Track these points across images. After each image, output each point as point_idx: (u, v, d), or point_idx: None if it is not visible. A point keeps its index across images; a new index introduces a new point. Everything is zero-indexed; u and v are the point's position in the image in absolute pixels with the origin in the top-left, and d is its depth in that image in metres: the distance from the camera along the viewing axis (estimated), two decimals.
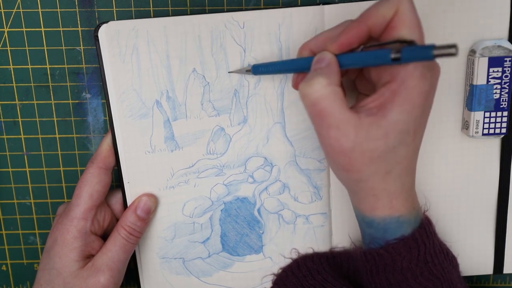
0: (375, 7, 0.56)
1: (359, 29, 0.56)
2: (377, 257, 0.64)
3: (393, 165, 0.58)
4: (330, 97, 0.55)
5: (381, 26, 0.56)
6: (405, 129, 0.56)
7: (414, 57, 0.52)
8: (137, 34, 0.67)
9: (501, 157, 0.73)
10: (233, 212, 0.74)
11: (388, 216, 0.62)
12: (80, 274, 0.68)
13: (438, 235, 0.67)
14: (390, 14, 0.55)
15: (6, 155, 0.77)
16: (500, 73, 0.68)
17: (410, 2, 0.55)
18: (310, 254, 0.76)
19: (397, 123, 0.55)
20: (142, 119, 0.70)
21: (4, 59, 0.73)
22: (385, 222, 0.62)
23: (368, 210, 0.62)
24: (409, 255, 0.63)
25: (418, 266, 0.63)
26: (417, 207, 0.65)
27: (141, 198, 0.71)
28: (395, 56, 0.53)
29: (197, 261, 0.76)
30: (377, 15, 0.55)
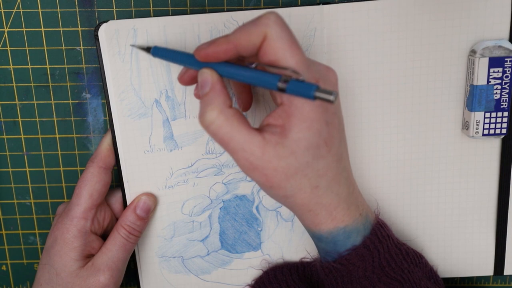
0: (244, 30, 0.55)
1: (227, 47, 0.56)
2: (334, 270, 0.64)
3: (317, 179, 0.59)
4: (226, 124, 0.56)
5: (250, 50, 0.56)
6: (312, 144, 0.56)
7: (297, 92, 0.52)
8: (137, 33, 0.67)
9: (501, 158, 0.73)
10: (231, 210, 0.74)
11: (333, 229, 0.62)
12: (80, 274, 0.68)
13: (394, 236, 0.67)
14: (259, 39, 0.55)
15: (6, 155, 0.77)
16: (501, 73, 0.68)
17: (279, 25, 0.55)
18: (280, 265, 0.76)
19: (299, 141, 0.55)
20: (142, 118, 0.70)
21: (4, 59, 0.73)
22: (333, 235, 0.63)
23: (313, 226, 0.63)
24: (363, 264, 0.63)
25: (374, 273, 0.63)
26: (365, 213, 0.65)
27: (140, 198, 0.71)
28: (281, 86, 0.53)
29: (196, 259, 0.76)
30: (246, 39, 0.55)
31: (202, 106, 0.57)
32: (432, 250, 0.76)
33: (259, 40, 0.55)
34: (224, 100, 0.57)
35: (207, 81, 0.58)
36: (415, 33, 0.69)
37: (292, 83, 0.52)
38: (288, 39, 0.54)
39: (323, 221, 0.62)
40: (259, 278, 0.76)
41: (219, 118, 0.56)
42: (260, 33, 0.54)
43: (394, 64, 0.70)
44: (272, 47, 0.54)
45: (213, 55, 0.57)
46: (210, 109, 0.56)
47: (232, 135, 0.56)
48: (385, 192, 0.74)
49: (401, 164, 0.73)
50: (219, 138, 0.57)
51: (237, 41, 0.55)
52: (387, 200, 0.74)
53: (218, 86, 0.57)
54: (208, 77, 0.58)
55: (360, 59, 0.69)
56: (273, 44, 0.54)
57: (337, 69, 0.69)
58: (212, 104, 0.56)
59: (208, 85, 0.57)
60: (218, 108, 0.56)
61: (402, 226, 0.75)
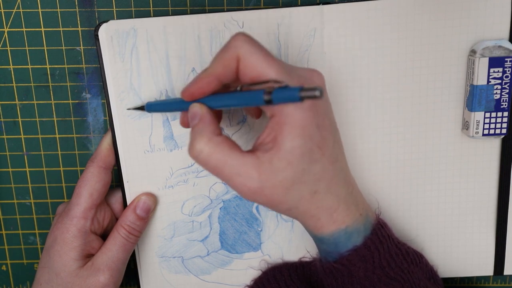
0: (217, 60, 0.57)
1: (208, 80, 0.57)
2: (334, 271, 0.64)
3: (315, 184, 0.59)
4: (216, 151, 0.56)
5: (231, 75, 0.57)
6: (306, 150, 0.56)
7: (284, 98, 0.52)
8: (137, 33, 0.67)
9: (501, 158, 0.73)
10: (231, 210, 0.74)
11: (335, 230, 0.62)
12: (80, 274, 0.68)
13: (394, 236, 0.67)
14: (234, 62, 0.55)
15: (6, 155, 0.77)
16: (501, 73, 0.68)
17: (247, 43, 0.55)
18: (279, 265, 0.76)
19: (293, 149, 0.55)
20: (142, 118, 0.70)
21: (4, 59, 0.73)
22: (334, 237, 0.63)
23: (315, 230, 0.63)
24: (364, 265, 0.63)
25: (375, 274, 0.63)
26: (365, 213, 0.65)
27: (140, 198, 0.71)
28: (267, 98, 0.53)
29: (196, 260, 0.76)
30: (222, 66, 0.56)
31: (191, 138, 0.58)
32: (432, 250, 0.76)
33: (234, 63, 0.56)
34: (213, 129, 0.57)
35: (196, 113, 0.59)
36: (415, 33, 0.69)
37: (276, 92, 0.53)
38: (260, 53, 0.55)
39: (325, 225, 0.62)
40: (258, 279, 0.76)
41: (208, 145, 0.56)
42: (233, 56, 0.55)
43: (394, 64, 0.70)
44: (248, 66, 0.55)
45: (198, 92, 0.58)
46: (198, 137, 0.57)
47: (224, 161, 0.56)
48: (385, 192, 0.74)
49: (401, 164, 0.73)
50: (211, 167, 0.57)
51: (215, 71, 0.57)
52: (387, 200, 0.74)
53: (207, 117, 0.58)
54: (197, 110, 0.59)
55: (360, 59, 0.69)
56: (248, 62, 0.55)
57: (336, 69, 0.69)
58: (201, 133, 0.57)
59: (197, 117, 0.59)
60: (207, 136, 0.57)
61: (402, 226, 0.75)
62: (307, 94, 0.50)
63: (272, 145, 0.56)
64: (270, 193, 0.57)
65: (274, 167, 0.56)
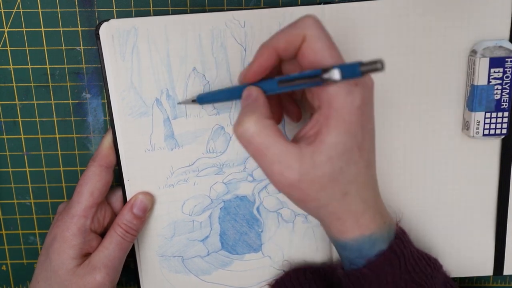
0: (283, 33, 0.56)
1: (268, 54, 0.57)
2: (361, 277, 0.63)
3: (347, 185, 0.58)
4: (263, 132, 0.55)
5: (291, 52, 0.56)
6: (347, 148, 0.55)
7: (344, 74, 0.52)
8: (138, 32, 0.67)
9: (501, 158, 0.73)
10: (232, 210, 0.74)
11: (359, 237, 0.61)
12: (77, 272, 0.68)
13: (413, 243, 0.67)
14: (298, 40, 0.55)
15: (6, 155, 0.77)
16: (501, 73, 0.68)
17: (317, 27, 0.55)
18: (302, 268, 0.76)
19: (336, 145, 0.55)
20: (142, 117, 0.70)
21: (4, 59, 0.73)
22: (358, 243, 0.62)
23: (339, 234, 0.62)
24: (391, 269, 0.62)
25: (402, 278, 0.63)
26: (389, 221, 0.64)
27: (137, 197, 0.72)
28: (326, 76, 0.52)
29: (196, 260, 0.76)
30: (285, 41, 0.56)
31: (240, 115, 0.57)
32: (432, 250, 0.76)
33: (299, 42, 0.55)
34: (264, 111, 0.56)
35: (251, 94, 0.58)
36: (416, 33, 0.69)
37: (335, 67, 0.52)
38: (326, 41, 0.55)
39: (350, 229, 0.61)
40: (280, 278, 0.76)
41: (256, 125, 0.55)
42: (300, 34, 0.55)
43: (395, 64, 0.70)
44: (311, 48, 0.55)
45: (258, 70, 0.58)
46: (247, 117, 0.55)
47: (269, 145, 0.55)
48: (384, 192, 0.74)
49: (401, 164, 0.73)
50: (253, 148, 0.56)
51: (277, 45, 0.56)
52: (387, 200, 0.74)
53: (260, 98, 0.58)
54: (252, 91, 0.58)
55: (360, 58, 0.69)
56: (313, 45, 0.54)
57: None
58: (251, 112, 0.56)
59: (250, 98, 0.58)
60: (256, 117, 0.55)
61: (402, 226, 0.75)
62: (368, 68, 0.50)
63: (315, 138, 0.56)
64: (306, 188, 0.56)
65: (315, 161, 0.55)
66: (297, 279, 0.74)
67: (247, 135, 0.55)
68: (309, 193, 0.57)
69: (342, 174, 0.57)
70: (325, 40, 0.55)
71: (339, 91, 0.54)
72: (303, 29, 0.55)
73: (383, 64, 0.49)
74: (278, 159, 0.55)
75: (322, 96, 0.55)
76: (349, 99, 0.54)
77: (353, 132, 0.55)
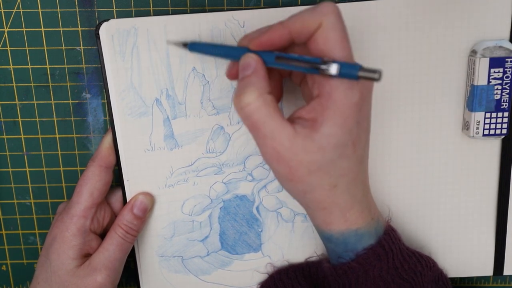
0: (300, 16, 0.56)
1: (282, 33, 0.56)
2: (349, 271, 0.63)
3: (337, 178, 0.58)
4: (263, 108, 0.55)
5: (304, 36, 0.56)
6: (341, 142, 0.56)
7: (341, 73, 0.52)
8: (138, 32, 0.67)
9: (501, 158, 0.73)
10: (232, 210, 0.74)
11: (346, 230, 0.62)
12: (77, 273, 0.68)
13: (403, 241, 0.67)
14: (314, 26, 0.55)
15: (6, 155, 0.77)
16: (501, 73, 0.68)
17: (336, 16, 0.55)
18: (285, 268, 0.76)
19: (330, 137, 0.55)
20: (142, 117, 0.70)
21: (4, 59, 0.73)
22: (344, 236, 0.62)
23: (324, 225, 0.63)
24: (379, 264, 0.63)
25: (389, 274, 0.63)
26: (377, 218, 0.65)
27: (137, 197, 0.72)
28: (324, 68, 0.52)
29: (196, 260, 0.76)
30: (301, 24, 0.55)
31: (240, 87, 0.57)
32: (432, 250, 0.76)
33: (314, 27, 0.55)
34: (265, 85, 0.56)
35: (250, 64, 0.58)
36: (416, 33, 0.69)
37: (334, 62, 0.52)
38: (341, 32, 0.55)
39: (335, 221, 0.62)
40: (265, 282, 0.76)
41: (257, 100, 0.55)
42: (316, 20, 0.54)
43: (395, 64, 0.70)
44: (324, 37, 0.54)
45: (267, 43, 0.57)
46: (249, 90, 0.55)
47: (266, 121, 0.55)
48: (385, 192, 0.74)
49: (401, 164, 0.73)
50: (251, 122, 0.56)
51: (293, 26, 0.56)
52: (387, 200, 0.74)
53: (261, 71, 0.57)
54: (252, 61, 0.58)
55: (360, 59, 0.69)
56: (326, 34, 0.54)
57: None
58: (253, 86, 0.56)
59: (250, 68, 0.57)
60: (258, 91, 0.55)
61: (401, 226, 0.75)
62: (365, 74, 0.50)
63: (310, 123, 0.56)
64: (294, 167, 0.57)
65: (306, 146, 0.55)
66: (281, 280, 0.74)
67: (247, 110, 0.56)
68: (296, 173, 0.57)
69: (333, 166, 0.57)
70: (340, 32, 0.55)
71: (340, 84, 0.54)
72: (321, 15, 0.54)
73: (381, 75, 0.49)
74: (272, 135, 0.56)
75: (322, 85, 0.56)
76: (348, 93, 0.54)
77: (348, 126, 0.55)
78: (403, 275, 0.63)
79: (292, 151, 0.55)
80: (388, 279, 0.63)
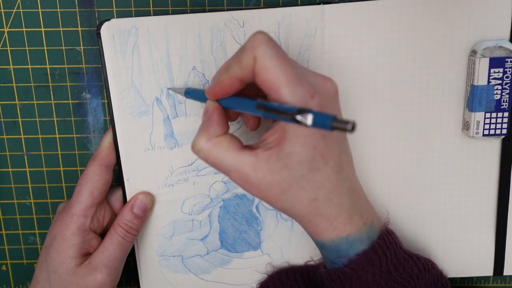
0: (236, 60, 0.57)
1: (230, 81, 0.58)
2: (342, 276, 0.64)
3: (314, 191, 0.59)
4: (214, 150, 0.59)
5: (249, 75, 0.56)
6: (305, 158, 0.56)
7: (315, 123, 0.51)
8: (138, 32, 0.67)
9: (501, 158, 0.73)
10: (231, 209, 0.74)
11: (336, 238, 0.62)
12: (77, 272, 0.68)
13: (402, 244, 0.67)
14: (250, 63, 0.55)
15: (6, 155, 0.77)
16: (501, 73, 0.68)
17: (265, 45, 0.55)
18: (284, 269, 0.76)
19: (291, 155, 0.56)
20: (142, 116, 0.70)
21: (4, 59, 0.73)
22: (335, 244, 0.63)
23: (314, 235, 0.64)
24: (372, 268, 0.63)
25: (382, 278, 0.63)
26: (370, 222, 0.65)
27: (137, 196, 0.72)
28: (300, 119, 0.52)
29: (195, 259, 0.76)
30: (240, 67, 0.56)
31: (196, 134, 0.60)
32: (432, 250, 0.76)
33: (251, 64, 0.55)
34: (214, 129, 0.59)
35: (207, 110, 0.61)
36: (416, 33, 0.69)
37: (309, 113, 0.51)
38: (275, 56, 0.55)
39: (324, 231, 0.62)
40: (264, 282, 0.76)
41: (206, 144, 0.59)
42: (250, 57, 0.55)
43: (395, 64, 0.70)
44: (261, 68, 0.55)
45: (221, 93, 0.59)
46: (199, 136, 0.59)
47: (221, 159, 0.58)
48: (384, 192, 0.74)
49: (401, 164, 0.73)
50: (210, 163, 0.60)
51: (235, 72, 0.57)
52: (387, 200, 0.74)
53: (213, 117, 0.60)
54: (208, 107, 0.61)
55: (360, 58, 0.69)
56: (262, 65, 0.55)
57: (337, 68, 0.69)
58: (203, 131, 0.59)
59: (206, 115, 0.61)
60: (206, 136, 0.59)
61: (401, 226, 0.75)
62: (338, 125, 0.50)
63: (273, 144, 0.57)
64: (266, 189, 0.58)
65: (271, 167, 0.57)
66: (280, 281, 0.74)
67: (201, 154, 0.60)
68: (270, 194, 0.59)
69: (305, 180, 0.58)
70: (275, 58, 0.55)
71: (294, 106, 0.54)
72: (252, 50, 0.55)
73: (354, 127, 0.49)
74: (234, 168, 0.58)
75: None
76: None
77: (311, 143, 0.56)
78: (398, 279, 0.64)
79: (258, 176, 0.57)
80: (382, 283, 0.63)
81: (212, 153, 0.59)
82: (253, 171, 0.57)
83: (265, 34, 0.56)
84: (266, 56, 0.54)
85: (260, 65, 0.55)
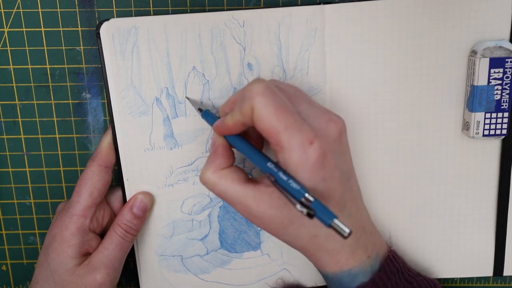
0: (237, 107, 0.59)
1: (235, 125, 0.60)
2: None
3: (315, 229, 0.60)
4: (220, 182, 0.61)
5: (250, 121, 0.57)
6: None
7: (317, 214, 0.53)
8: (138, 31, 0.67)
9: (501, 158, 0.73)
10: (231, 209, 0.74)
11: (338, 271, 0.63)
12: (77, 272, 0.68)
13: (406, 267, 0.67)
14: (249, 112, 0.56)
15: (6, 155, 0.77)
16: (501, 74, 0.68)
17: (262, 95, 0.56)
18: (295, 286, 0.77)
19: None
20: (142, 116, 0.70)
21: (4, 59, 0.73)
22: (337, 277, 0.64)
23: (318, 266, 0.65)
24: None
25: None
26: (373, 253, 0.65)
27: (137, 196, 0.72)
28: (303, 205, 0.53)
29: (195, 259, 0.76)
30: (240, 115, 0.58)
31: (204, 164, 0.63)
32: (432, 250, 0.76)
33: (250, 114, 0.56)
34: (220, 162, 0.62)
35: (214, 142, 0.63)
36: (416, 33, 0.69)
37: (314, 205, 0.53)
38: (272, 106, 0.56)
39: (326, 264, 0.63)
40: None
41: (212, 176, 0.62)
42: (249, 107, 0.56)
43: (395, 64, 0.70)
44: (259, 117, 0.56)
45: (227, 133, 0.62)
46: (205, 168, 0.62)
47: (226, 191, 0.61)
48: (384, 193, 0.74)
49: (401, 164, 0.73)
50: (216, 193, 0.62)
51: (237, 119, 0.58)
52: (386, 200, 0.74)
53: (220, 150, 0.62)
54: (215, 139, 0.63)
55: (360, 58, 0.69)
56: (260, 114, 0.55)
57: (337, 68, 0.69)
58: (210, 163, 0.62)
59: (213, 147, 0.63)
60: (212, 169, 0.62)
61: (401, 226, 0.75)
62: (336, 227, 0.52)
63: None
64: (268, 223, 0.60)
65: (273, 203, 0.58)
66: None
67: (208, 185, 0.62)
68: (271, 227, 0.60)
69: (306, 218, 0.59)
70: (271, 106, 0.55)
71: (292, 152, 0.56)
72: (250, 101, 0.56)
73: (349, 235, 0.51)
74: (238, 200, 0.61)
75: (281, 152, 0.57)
76: (303, 158, 0.55)
77: (312, 184, 0.56)
78: None
79: (260, 209, 0.59)
80: None
81: (217, 185, 0.61)
82: (255, 205, 0.59)
83: (261, 83, 0.57)
84: (262, 106, 0.55)
85: (257, 115, 0.56)
